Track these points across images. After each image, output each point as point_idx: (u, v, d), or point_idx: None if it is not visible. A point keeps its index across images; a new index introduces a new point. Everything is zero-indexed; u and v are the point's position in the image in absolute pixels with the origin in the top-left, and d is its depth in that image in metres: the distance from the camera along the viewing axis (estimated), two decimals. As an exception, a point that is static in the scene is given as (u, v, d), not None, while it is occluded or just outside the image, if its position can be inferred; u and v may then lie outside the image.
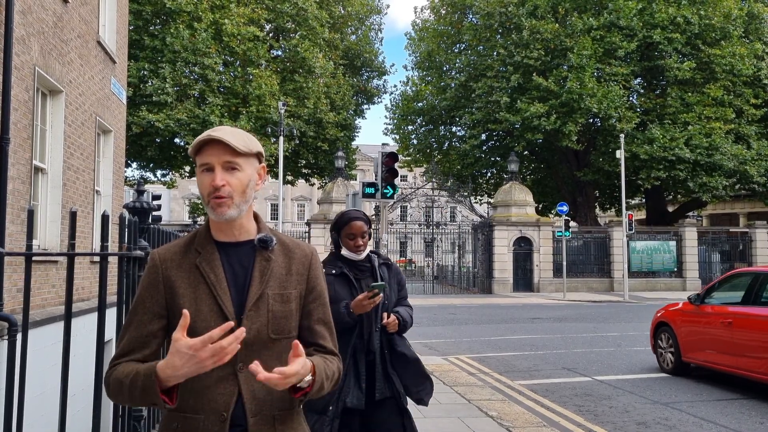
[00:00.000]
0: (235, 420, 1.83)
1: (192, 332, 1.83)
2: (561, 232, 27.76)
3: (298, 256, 1.99)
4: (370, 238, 3.50)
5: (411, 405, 7.56)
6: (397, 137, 38.23)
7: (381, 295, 3.38)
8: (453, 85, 33.69)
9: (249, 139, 1.91)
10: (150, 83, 25.08)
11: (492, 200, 33.54)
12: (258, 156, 1.94)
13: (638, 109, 31.39)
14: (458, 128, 36.42)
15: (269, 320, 1.88)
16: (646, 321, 13.61)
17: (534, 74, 29.35)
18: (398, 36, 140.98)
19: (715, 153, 28.96)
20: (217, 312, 1.85)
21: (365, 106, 37.38)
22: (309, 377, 1.79)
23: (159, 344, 1.91)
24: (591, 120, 31.65)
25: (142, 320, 1.88)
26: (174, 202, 62.48)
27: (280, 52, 30.33)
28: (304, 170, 33.36)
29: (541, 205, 36.76)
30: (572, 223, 32.01)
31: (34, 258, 3.43)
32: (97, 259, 9.06)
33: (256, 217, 2.00)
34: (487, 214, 33.00)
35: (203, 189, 1.87)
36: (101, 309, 3.28)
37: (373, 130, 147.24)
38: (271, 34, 30.28)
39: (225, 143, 1.83)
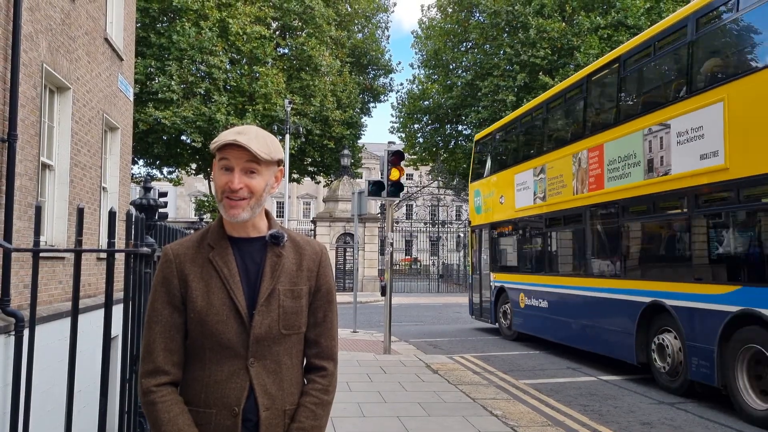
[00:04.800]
0: (247, 414, 1.86)
1: (203, 325, 1.86)
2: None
3: (309, 253, 2.01)
4: None
5: (414, 403, 7.58)
6: (403, 135, 38.16)
7: None
8: (459, 83, 33.61)
9: (273, 144, 1.91)
10: (156, 80, 25.13)
11: (498, 199, 33.46)
12: (278, 162, 1.95)
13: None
14: (464, 127, 36.34)
15: (280, 315, 1.90)
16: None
17: (540, 73, 29.27)
18: (404, 36, 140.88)
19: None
20: (229, 305, 1.87)
21: (371, 104, 37.37)
22: None
23: (182, 340, 1.91)
24: (598, 119, 31.53)
25: (163, 314, 1.89)
26: (180, 199, 62.60)
27: (286, 50, 30.32)
28: (310, 168, 33.37)
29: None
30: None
31: (41, 254, 3.45)
32: (103, 255, 9.09)
33: (267, 214, 2.01)
34: (493, 213, 32.78)
35: (218, 187, 1.89)
36: (108, 305, 3.30)
37: (379, 129, 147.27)
38: (277, 32, 30.28)
39: (246, 148, 1.84)
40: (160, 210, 4.50)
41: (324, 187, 40.33)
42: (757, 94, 7.08)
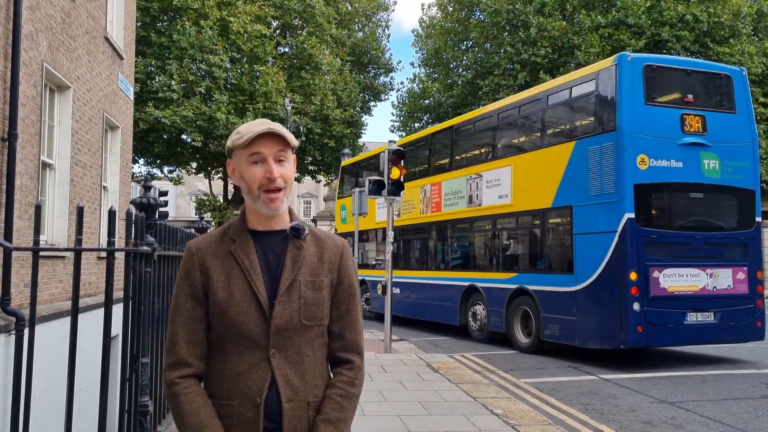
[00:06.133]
0: (269, 405, 1.86)
1: (224, 316, 1.88)
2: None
3: (330, 246, 2.03)
4: None
5: (415, 402, 7.57)
6: (404, 134, 38.17)
7: None
8: (460, 82, 33.60)
9: (289, 133, 1.98)
10: (157, 80, 25.10)
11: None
12: (293, 149, 2.02)
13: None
14: (465, 126, 36.35)
15: (301, 306, 1.91)
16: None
17: (541, 72, 29.24)
18: (405, 35, 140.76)
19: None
20: (250, 296, 1.88)
21: (372, 103, 37.32)
22: None
23: (205, 333, 1.92)
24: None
25: (186, 307, 1.92)
26: (180, 198, 62.57)
27: (287, 49, 30.29)
28: (310, 167, 33.35)
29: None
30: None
31: (41, 253, 3.44)
32: (103, 254, 9.09)
33: (288, 209, 2.05)
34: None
35: (253, 181, 1.91)
36: (108, 304, 3.30)
37: (380, 127, 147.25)
38: (278, 31, 30.25)
39: (279, 135, 1.90)
40: (161, 209, 4.49)
41: (324, 186, 40.34)
42: (525, 166, 11.88)
